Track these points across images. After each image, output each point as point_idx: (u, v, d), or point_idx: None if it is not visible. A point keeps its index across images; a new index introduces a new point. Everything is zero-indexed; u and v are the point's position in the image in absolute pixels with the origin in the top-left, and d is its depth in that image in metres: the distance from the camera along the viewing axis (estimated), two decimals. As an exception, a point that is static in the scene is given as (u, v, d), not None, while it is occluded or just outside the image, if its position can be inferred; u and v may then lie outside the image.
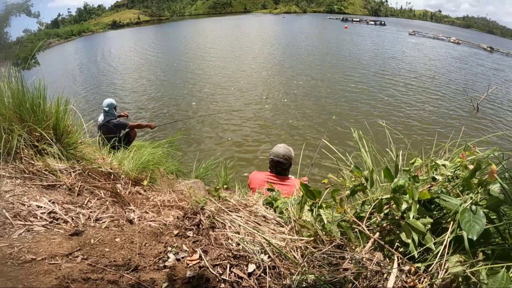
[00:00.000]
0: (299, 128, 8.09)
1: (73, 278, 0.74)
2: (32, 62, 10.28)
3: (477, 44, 33.41)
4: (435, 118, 9.11)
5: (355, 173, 1.03)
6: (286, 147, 2.16)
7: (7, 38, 10.22)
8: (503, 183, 0.73)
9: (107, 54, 23.36)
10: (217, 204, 1.17)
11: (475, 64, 20.01)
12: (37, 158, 1.44)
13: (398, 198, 0.86)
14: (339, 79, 13.30)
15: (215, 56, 19.44)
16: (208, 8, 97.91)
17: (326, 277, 0.73)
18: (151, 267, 0.85)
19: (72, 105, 1.84)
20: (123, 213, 1.30)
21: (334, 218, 0.96)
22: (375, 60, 18.15)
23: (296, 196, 1.26)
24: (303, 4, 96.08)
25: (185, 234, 1.04)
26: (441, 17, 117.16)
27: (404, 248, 0.83)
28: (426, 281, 0.70)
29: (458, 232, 0.74)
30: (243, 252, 0.90)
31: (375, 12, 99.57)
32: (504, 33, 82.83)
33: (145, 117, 9.10)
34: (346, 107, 9.83)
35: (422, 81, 13.51)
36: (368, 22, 54.09)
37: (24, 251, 0.82)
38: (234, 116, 8.88)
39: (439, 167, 0.99)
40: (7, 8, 9.84)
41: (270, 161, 2.13)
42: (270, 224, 1.08)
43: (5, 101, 1.47)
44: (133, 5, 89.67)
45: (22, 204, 1.08)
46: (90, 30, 56.35)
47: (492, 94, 11.54)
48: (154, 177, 2.14)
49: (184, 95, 11.35)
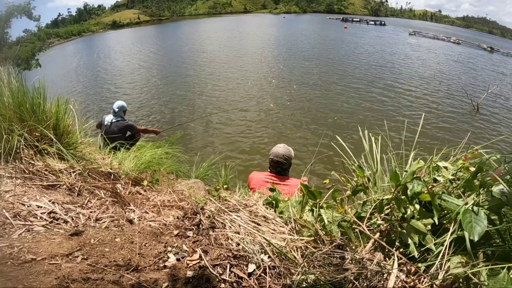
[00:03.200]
0: (301, 128, 8.09)
1: (73, 278, 0.73)
2: (33, 63, 10.27)
3: (477, 44, 33.43)
4: (435, 118, 9.11)
5: (358, 173, 1.03)
6: (286, 147, 2.15)
7: (7, 38, 10.21)
8: (505, 185, 0.73)
9: (107, 55, 23.36)
10: (217, 204, 1.17)
11: (475, 64, 20.01)
12: (37, 158, 1.44)
13: (401, 200, 0.85)
14: (338, 81, 13.30)
15: (215, 56, 19.44)
16: (208, 8, 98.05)
17: (327, 277, 0.73)
18: (151, 267, 0.85)
19: (72, 105, 1.84)
20: (123, 213, 1.30)
21: (335, 218, 0.96)
22: (375, 60, 18.14)
23: (297, 196, 1.26)
24: (303, 4, 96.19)
25: (185, 234, 1.04)
26: (441, 17, 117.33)
27: (405, 248, 0.83)
28: (427, 281, 0.70)
29: (459, 233, 0.74)
30: (243, 252, 0.90)
31: (375, 12, 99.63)
32: (504, 33, 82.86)
33: (145, 118, 9.10)
34: (345, 107, 9.83)
35: (422, 81, 13.51)
36: (368, 22, 54.13)
37: (24, 251, 0.82)
38: (235, 116, 8.89)
39: (441, 169, 0.99)
40: (8, 9, 9.83)
41: (270, 161, 2.13)
42: (270, 224, 1.08)
43: (5, 101, 1.47)
44: (133, 5, 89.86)
45: (22, 204, 1.08)
46: (90, 30, 56.53)
47: (492, 94, 11.55)
48: (154, 177, 2.14)
49: (184, 95, 11.36)
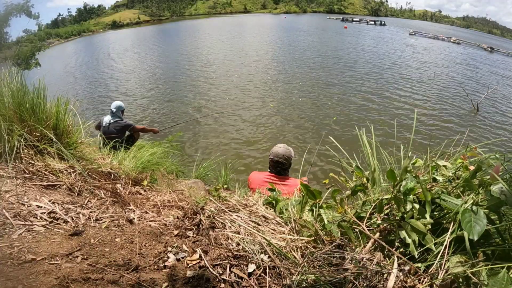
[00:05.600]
0: (302, 128, 8.09)
1: (73, 278, 0.74)
2: (32, 63, 10.28)
3: (477, 44, 33.43)
4: (435, 118, 9.11)
5: (357, 173, 1.03)
6: (286, 147, 2.15)
7: (7, 38, 10.22)
8: (504, 184, 0.73)
9: (107, 55, 23.34)
10: (217, 204, 1.17)
11: (475, 64, 20.00)
12: (37, 158, 1.44)
13: (400, 199, 0.86)
14: (342, 80, 13.30)
15: (216, 57, 19.43)
16: (208, 8, 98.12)
17: (326, 277, 0.73)
18: (151, 267, 0.85)
19: (72, 105, 1.84)
20: (123, 213, 1.30)
21: (335, 218, 0.96)
22: (374, 61, 18.14)
23: (297, 196, 1.25)
24: (303, 4, 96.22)
25: (185, 234, 1.04)
26: (441, 17, 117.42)
27: (404, 248, 0.83)
28: (426, 281, 0.70)
29: (459, 232, 0.74)
30: (243, 252, 0.90)
31: (375, 12, 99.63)
32: (504, 33, 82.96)
33: (144, 118, 9.10)
34: (345, 108, 9.82)
35: (422, 81, 13.50)
36: (368, 22, 54.13)
37: (24, 251, 0.82)
38: (235, 116, 8.88)
39: (440, 168, 0.99)
40: (7, 8, 9.84)
41: (270, 161, 2.13)
42: (270, 224, 1.08)
43: (5, 101, 1.47)
44: (133, 5, 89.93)
45: (22, 204, 1.08)
46: (90, 30, 56.57)
47: (492, 94, 11.55)
48: (154, 177, 2.14)
49: (184, 95, 11.35)
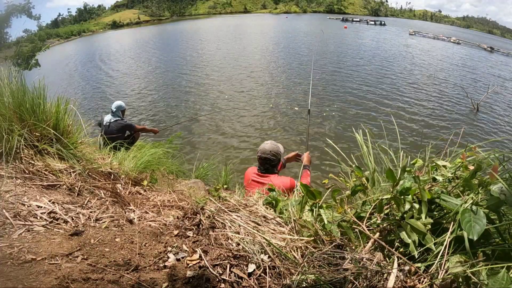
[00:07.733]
0: (301, 128, 8.09)
1: (73, 278, 0.74)
2: (32, 63, 10.27)
3: (477, 44, 33.40)
4: (435, 118, 9.11)
5: (356, 173, 1.03)
6: (273, 143, 2.13)
7: (7, 38, 10.22)
8: (504, 183, 0.73)
9: (106, 55, 23.33)
10: (217, 204, 1.17)
11: (475, 64, 19.98)
12: (37, 158, 1.44)
13: (400, 199, 0.86)
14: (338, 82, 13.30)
15: (216, 57, 19.43)
16: (208, 8, 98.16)
17: (326, 277, 0.73)
18: (151, 267, 0.85)
19: (72, 105, 1.84)
20: (123, 213, 1.30)
21: (335, 218, 0.96)
22: (374, 61, 18.12)
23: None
24: (303, 4, 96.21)
25: (185, 234, 1.04)
26: (441, 17, 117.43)
27: (404, 248, 0.83)
28: (426, 281, 0.70)
29: (459, 232, 0.74)
30: (243, 252, 0.90)
31: (375, 12, 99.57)
32: (504, 33, 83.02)
33: (144, 118, 9.10)
34: (344, 108, 9.82)
35: (422, 81, 13.50)
36: (368, 22, 54.08)
37: (24, 251, 0.82)
38: (235, 116, 8.89)
39: (440, 168, 0.99)
40: (8, 9, 9.84)
41: (258, 158, 2.11)
42: (270, 224, 1.08)
43: (5, 101, 1.47)
44: (133, 5, 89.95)
45: (22, 204, 1.08)
46: (90, 30, 56.64)
47: (492, 94, 11.54)
48: (154, 177, 2.14)
49: (184, 95, 11.35)
